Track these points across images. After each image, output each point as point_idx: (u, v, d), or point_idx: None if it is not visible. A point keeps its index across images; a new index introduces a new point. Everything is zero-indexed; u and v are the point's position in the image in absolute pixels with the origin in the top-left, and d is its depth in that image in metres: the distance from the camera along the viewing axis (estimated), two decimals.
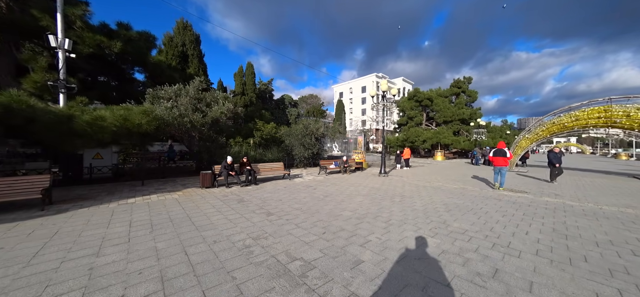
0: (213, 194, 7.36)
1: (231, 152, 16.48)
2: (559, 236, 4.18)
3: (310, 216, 5.21)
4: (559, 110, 13.16)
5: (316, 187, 8.78)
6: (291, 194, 7.52)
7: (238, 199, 6.72)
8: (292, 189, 8.34)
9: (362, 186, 9.18)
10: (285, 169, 10.83)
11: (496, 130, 35.96)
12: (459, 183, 10.03)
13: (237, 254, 3.30)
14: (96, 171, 8.27)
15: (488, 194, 7.75)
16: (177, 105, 8.63)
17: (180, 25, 20.14)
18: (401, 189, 8.60)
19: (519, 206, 6.31)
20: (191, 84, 11.37)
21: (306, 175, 12.14)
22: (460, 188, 8.85)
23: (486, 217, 5.27)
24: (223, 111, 10.63)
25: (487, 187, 9.14)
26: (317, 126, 15.65)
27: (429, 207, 6.02)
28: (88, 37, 8.71)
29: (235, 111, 12.99)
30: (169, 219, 4.73)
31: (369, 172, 13.48)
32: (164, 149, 20.97)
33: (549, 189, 8.89)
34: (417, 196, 7.45)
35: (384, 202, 6.59)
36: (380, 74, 70.20)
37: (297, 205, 6.11)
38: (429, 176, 12.55)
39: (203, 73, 21.19)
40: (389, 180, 10.78)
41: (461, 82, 35.21)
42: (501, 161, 8.46)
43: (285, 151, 15.86)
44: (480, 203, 6.53)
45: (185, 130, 8.87)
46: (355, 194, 7.54)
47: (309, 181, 10.23)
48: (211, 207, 5.74)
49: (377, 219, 5.06)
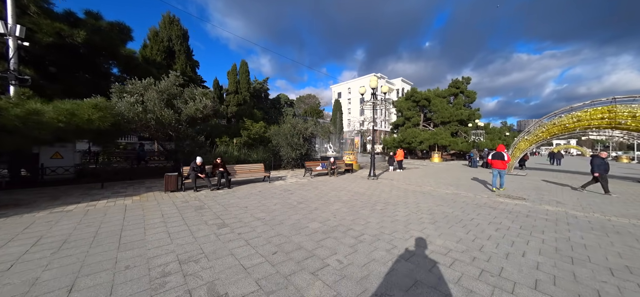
0: (174, 199, 6.58)
1: (217, 152, 15.74)
2: (563, 259, 3.40)
3: (270, 228, 4.44)
4: (560, 111, 12.41)
5: (294, 191, 8.01)
6: (262, 199, 6.74)
7: (198, 205, 5.94)
8: (266, 193, 7.57)
9: (345, 190, 8.41)
10: (266, 171, 10.05)
11: (495, 131, 35.23)
12: (451, 188, 9.26)
13: (142, 288, 2.52)
14: (49, 171, 7.49)
15: (482, 201, 6.98)
16: (143, 101, 7.85)
17: (167, 19, 19.35)
18: (387, 194, 7.83)
19: (515, 216, 5.54)
20: (167, 79, 10.63)
21: (290, 177, 11.37)
22: (452, 194, 8.08)
23: (477, 231, 4.49)
24: (198, 108, 9.85)
25: (481, 192, 8.37)
26: (305, 126, 14.87)
27: (412, 218, 5.25)
28: (45, 24, 7.93)
29: (215, 108, 12.22)
30: (94, 234, 3.95)
31: (359, 175, 12.72)
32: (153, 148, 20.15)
33: (548, 195, 8.12)
34: (402, 203, 6.68)
35: (363, 210, 5.82)
36: (379, 74, 69.46)
37: (261, 214, 5.34)
38: (421, 179, 11.78)
39: (191, 70, 20.41)
40: (376, 184, 10.01)
41: (459, 83, 34.49)
42: (500, 164, 8.54)
43: (272, 151, 15.09)
44: (472, 212, 5.76)
45: (153, 128, 8.09)
46: (334, 201, 6.77)
47: (289, 184, 9.46)
48: (159, 217, 4.96)
49: (347, 233, 4.28)
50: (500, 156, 8.55)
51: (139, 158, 11.44)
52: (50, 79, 10.47)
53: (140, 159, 11.44)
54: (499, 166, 8.52)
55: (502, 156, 8.54)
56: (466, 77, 34.76)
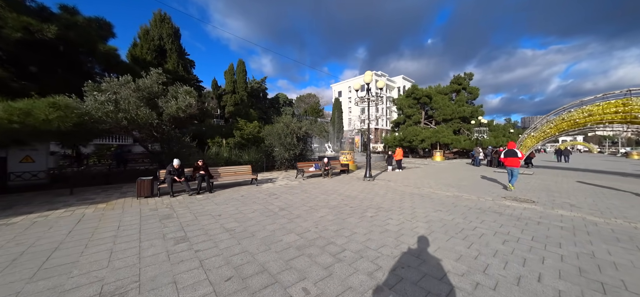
0: (143, 206, 5.97)
1: (209, 154, 15.18)
2: (591, 286, 2.70)
3: (237, 243, 3.79)
4: (570, 105, 11.60)
5: (280, 195, 7.35)
6: (241, 205, 6.10)
7: (166, 214, 5.31)
8: (248, 198, 6.92)
9: (336, 193, 7.73)
10: (253, 173, 9.40)
11: (499, 128, 34.22)
12: (453, 189, 8.54)
13: None
14: (14, 177, 6.93)
15: (486, 205, 6.26)
16: (116, 99, 7.24)
17: (157, 17, 18.81)
18: (381, 198, 7.14)
19: (525, 223, 4.82)
20: (149, 77, 10.04)
21: (281, 179, 10.72)
22: (453, 196, 7.36)
23: (480, 244, 3.79)
24: (180, 107, 9.24)
25: (485, 194, 7.64)
26: (299, 125, 14.21)
27: (405, 227, 4.56)
28: (11, 18, 7.37)
29: (202, 108, 11.61)
30: (17, 255, 3.32)
31: (354, 176, 12.03)
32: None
33: (560, 197, 7.36)
34: (397, 208, 5.99)
35: (351, 218, 5.14)
36: (380, 72, 68.58)
37: (233, 224, 4.69)
38: (421, 179, 11.06)
39: (183, 69, 19.86)
40: (371, 186, 9.32)
41: (461, 79, 33.57)
42: (511, 162, 8.35)
43: (265, 152, 14.46)
44: (475, 220, 5.05)
45: (128, 128, 7.49)
46: (321, 206, 6.10)
47: (277, 187, 8.81)
48: (112, 230, 4.33)
49: (326, 248, 3.61)
50: (513, 153, 8.34)
51: (119, 160, 10.87)
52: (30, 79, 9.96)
53: (120, 161, 10.88)
54: (510, 163, 8.32)
55: (515, 153, 8.32)
56: (468, 73, 33.82)
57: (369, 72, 10.53)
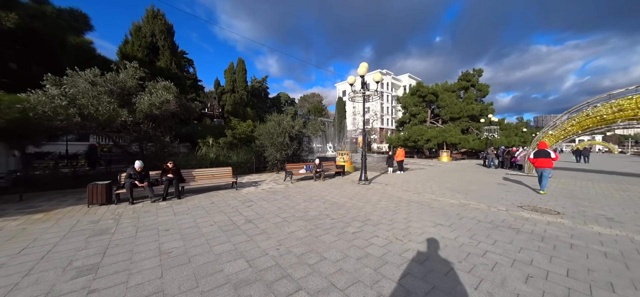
0: (85, 217, 5.10)
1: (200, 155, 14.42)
2: None
3: (159, 276, 2.82)
4: (595, 99, 10.18)
5: (256, 202, 6.38)
6: (203, 216, 5.16)
7: (104, 229, 4.41)
8: (217, 206, 5.99)
9: (321, 200, 6.71)
10: (233, 176, 8.47)
11: (511, 127, 32.34)
12: (459, 195, 7.37)
13: None
14: None
15: (498, 217, 5.10)
16: (72, 94, 6.44)
17: (150, 13, 18.24)
18: (372, 206, 6.06)
19: (553, 246, 3.67)
20: (124, 71, 9.27)
21: (268, 182, 9.77)
22: (458, 205, 6.21)
23: (492, 282, 2.70)
24: (154, 103, 8.41)
25: (497, 202, 6.45)
26: (291, 123, 13.23)
27: (392, 251, 3.50)
28: None
29: (185, 106, 10.78)
30: None
31: (350, 179, 10.96)
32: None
33: (591, 207, 6.10)
34: (387, 221, 4.91)
35: (326, 235, 4.11)
36: (384, 70, 67.05)
37: (176, 243, 3.74)
38: (423, 183, 9.89)
39: (177, 67, 19.23)
40: (365, 190, 8.24)
41: (470, 75, 31.92)
42: (543, 162, 7.70)
43: (256, 152, 13.56)
44: (485, 239, 3.93)
45: (83, 125, 6.68)
46: (297, 217, 5.09)
47: (259, 192, 7.85)
48: (12, 251, 3.44)
49: (274, 286, 2.61)
50: (545, 153, 7.74)
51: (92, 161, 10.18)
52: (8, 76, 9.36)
53: (91, 162, 10.19)
54: (542, 164, 7.66)
55: (547, 153, 7.73)
56: (477, 69, 32.15)
57: (363, 64, 9.45)
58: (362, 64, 9.48)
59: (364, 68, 9.24)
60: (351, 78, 10.20)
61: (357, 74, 9.41)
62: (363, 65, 9.28)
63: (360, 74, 9.28)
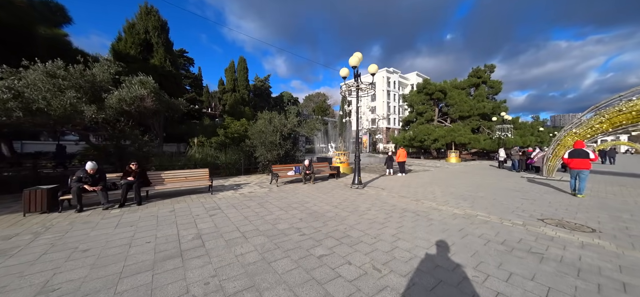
0: (4, 231, 4.33)
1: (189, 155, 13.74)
2: None
3: None
4: (630, 92, 8.73)
5: (223, 211, 5.49)
6: (151, 229, 4.31)
7: (5, 249, 3.60)
8: (177, 215, 5.14)
9: (300, 208, 5.75)
10: (209, 179, 7.61)
11: (526, 127, 30.32)
12: (465, 203, 6.24)
13: None
14: None
15: (514, 236, 3.98)
16: (20, 86, 5.75)
17: (144, 10, 17.80)
18: (358, 217, 5.05)
19: (597, 286, 2.56)
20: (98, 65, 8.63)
21: (252, 185, 8.90)
22: (463, 216, 5.10)
23: None
24: (123, 99, 7.70)
25: (512, 212, 5.30)
26: (283, 121, 12.33)
27: (363, 290, 2.49)
28: None
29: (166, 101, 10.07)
30: None
31: (343, 182, 9.93)
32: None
33: (635, 222, 4.85)
34: (370, 238, 3.90)
35: (284, 260, 3.15)
36: (391, 68, 65.41)
37: (77, 273, 2.88)
38: (425, 187, 8.76)
39: (172, 65, 18.71)
40: (356, 196, 7.21)
41: (481, 71, 30.19)
42: (580, 163, 7.08)
43: (246, 152, 12.73)
44: (495, 271, 2.86)
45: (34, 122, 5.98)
46: (260, 232, 4.16)
47: (234, 197, 6.97)
48: None
49: None
50: (583, 153, 7.15)
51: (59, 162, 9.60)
52: None
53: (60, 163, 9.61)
54: (580, 165, 7.02)
55: (585, 153, 7.16)
56: (489, 65, 30.36)
57: (356, 54, 8.43)
58: (355, 54, 8.46)
59: (357, 59, 8.22)
60: (344, 71, 9.16)
61: (349, 65, 8.39)
62: (356, 56, 8.26)
63: (352, 65, 8.27)
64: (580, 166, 7.06)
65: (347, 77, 9.00)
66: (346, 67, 8.97)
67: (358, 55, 8.35)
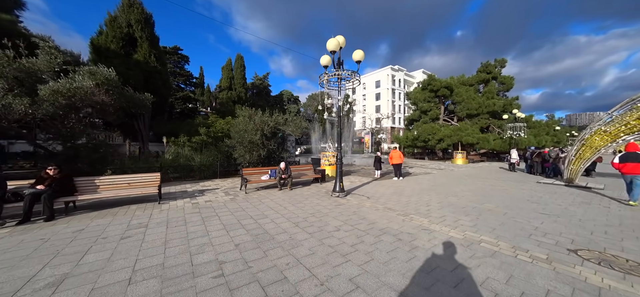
0: None
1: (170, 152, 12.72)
2: None
3: None
4: None
5: (150, 228, 4.27)
6: (31, 261, 3.10)
7: None
8: (72, 239, 3.94)
9: (250, 227, 4.45)
10: (157, 187, 6.41)
11: (541, 125, 28.13)
12: (466, 219, 4.80)
13: None
14: None
15: (536, 282, 2.55)
16: None
17: (126, 2, 16.91)
18: (317, 241, 3.71)
19: None
20: (39, 53, 7.59)
21: (219, 192, 7.71)
22: (462, 241, 3.68)
23: None
24: (59, 91, 6.60)
25: (529, 238, 3.85)
26: (264, 119, 11.08)
27: None
28: None
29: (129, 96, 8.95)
30: None
31: (324, 188, 8.59)
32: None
33: None
34: (315, 284, 2.56)
35: None
36: (396, 66, 63.47)
37: None
38: (420, 195, 7.32)
39: (157, 60, 17.77)
40: (333, 207, 5.86)
41: (491, 66, 28.22)
42: (635, 168, 6.36)
43: (224, 153, 11.57)
44: None
45: None
46: (158, 272, 2.89)
47: (184, 208, 5.75)
48: None
49: None
50: (637, 157, 6.37)
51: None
52: None
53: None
54: (634, 171, 6.37)
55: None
56: (500, 60, 28.34)
57: (339, 37, 7.09)
58: (338, 37, 7.12)
59: (335, 43, 6.86)
60: (325, 58, 7.76)
61: (327, 49, 7.03)
62: (333, 40, 6.90)
63: (330, 49, 6.92)
64: (634, 171, 6.40)
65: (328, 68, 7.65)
66: (327, 55, 7.60)
67: (338, 39, 7.01)
